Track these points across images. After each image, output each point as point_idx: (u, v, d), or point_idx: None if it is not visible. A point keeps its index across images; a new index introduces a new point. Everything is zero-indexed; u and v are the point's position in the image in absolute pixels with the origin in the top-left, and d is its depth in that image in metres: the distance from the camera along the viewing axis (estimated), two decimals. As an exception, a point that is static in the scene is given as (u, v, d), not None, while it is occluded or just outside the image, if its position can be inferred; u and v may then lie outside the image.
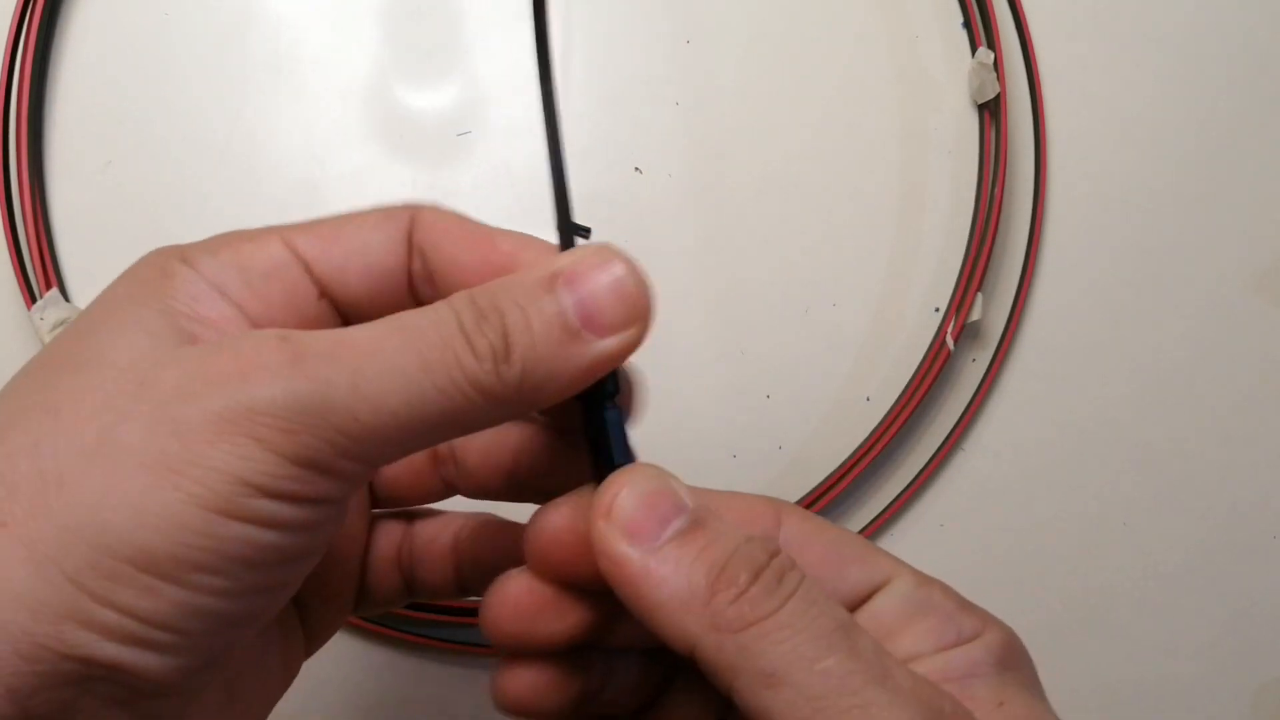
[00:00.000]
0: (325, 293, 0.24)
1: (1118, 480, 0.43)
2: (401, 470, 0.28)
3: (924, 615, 0.24)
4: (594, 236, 0.45)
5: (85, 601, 0.19)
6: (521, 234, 0.24)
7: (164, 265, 0.23)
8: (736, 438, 0.42)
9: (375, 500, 0.29)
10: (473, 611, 0.39)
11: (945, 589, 0.25)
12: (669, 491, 0.22)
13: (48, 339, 0.40)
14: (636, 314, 0.22)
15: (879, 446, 0.41)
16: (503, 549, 0.27)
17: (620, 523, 0.22)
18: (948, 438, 0.42)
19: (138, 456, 0.19)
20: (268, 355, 0.20)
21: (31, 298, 0.40)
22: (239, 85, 0.43)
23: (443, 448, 0.28)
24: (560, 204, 0.25)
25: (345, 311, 0.24)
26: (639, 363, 0.24)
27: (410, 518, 0.29)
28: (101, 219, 0.42)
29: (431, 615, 0.39)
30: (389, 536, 0.29)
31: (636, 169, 0.43)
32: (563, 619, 0.24)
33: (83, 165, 0.43)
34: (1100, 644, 0.42)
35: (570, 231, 0.25)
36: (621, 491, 0.22)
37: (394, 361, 0.20)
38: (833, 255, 0.44)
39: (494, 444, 0.27)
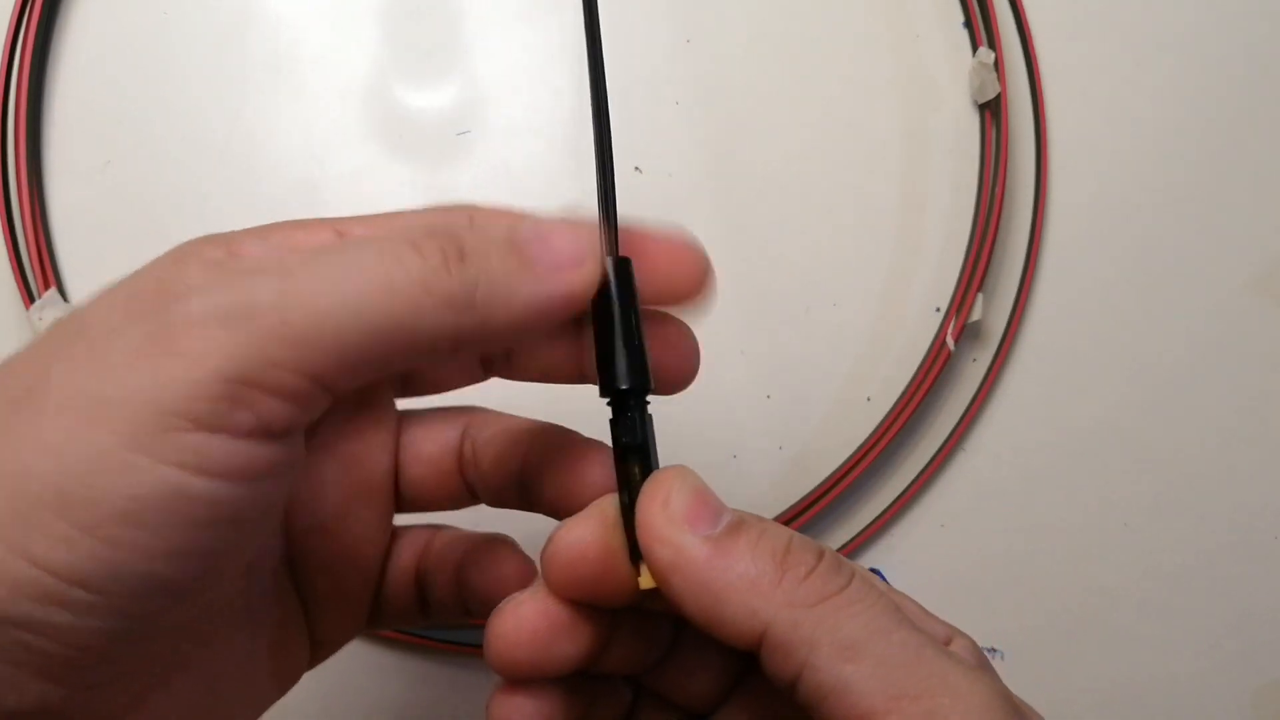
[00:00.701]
0: None
1: (1118, 481, 0.43)
2: (426, 471, 0.27)
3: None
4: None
5: (1, 555, 0.17)
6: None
7: (202, 249, 0.21)
8: (736, 438, 0.42)
9: (399, 504, 0.27)
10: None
11: (913, 600, 0.25)
12: (710, 491, 0.23)
13: (46, 339, 0.39)
14: (588, 249, 0.22)
15: (879, 447, 0.41)
16: (500, 569, 0.26)
17: (679, 513, 0.22)
18: (948, 438, 0.42)
19: (59, 398, 0.18)
20: (190, 273, 0.19)
21: (30, 298, 0.40)
22: (238, 85, 0.43)
23: (466, 449, 0.27)
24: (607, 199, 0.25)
25: None
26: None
27: (436, 530, 0.28)
28: (100, 219, 0.42)
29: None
30: (412, 547, 0.28)
31: (636, 169, 0.43)
32: (575, 642, 0.23)
33: (81, 165, 0.42)
34: (1100, 644, 0.42)
35: (612, 228, 0.25)
36: (674, 484, 0.22)
37: (328, 266, 0.19)
38: (833, 255, 0.44)
39: (509, 444, 0.27)
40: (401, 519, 0.28)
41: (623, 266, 0.24)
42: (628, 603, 0.23)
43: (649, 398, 0.24)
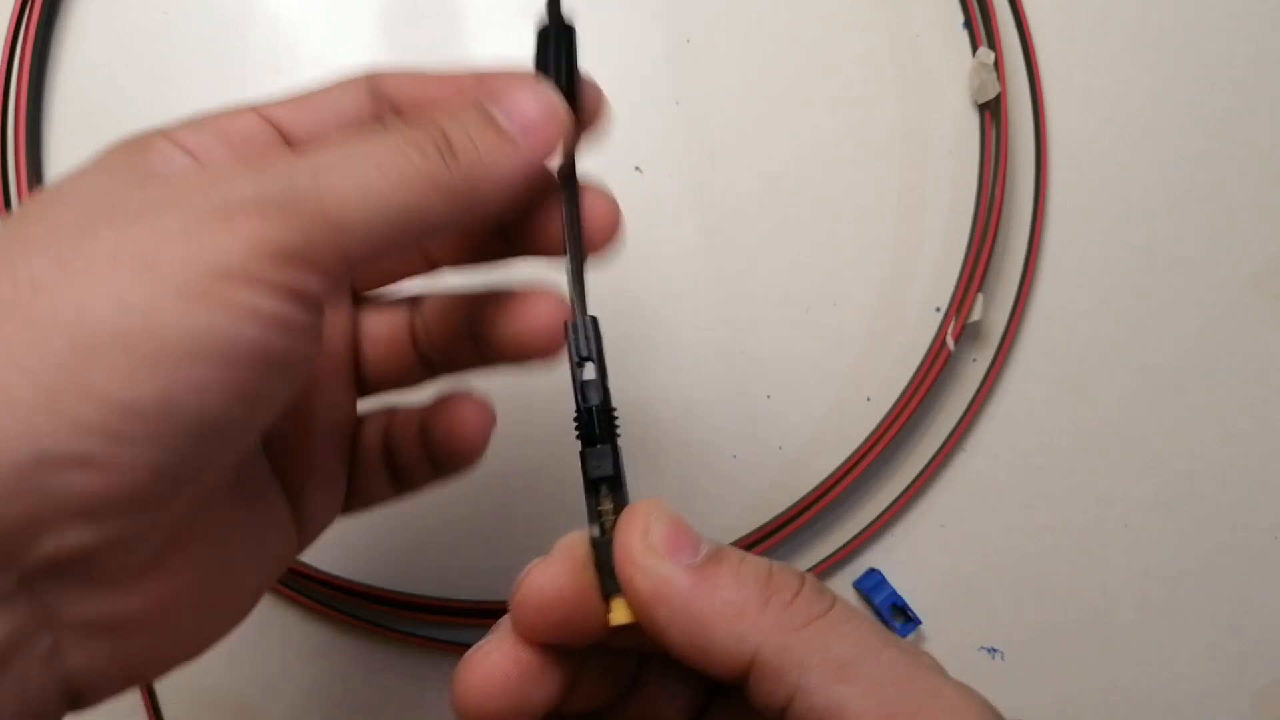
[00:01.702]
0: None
1: (1119, 481, 0.43)
2: (383, 351, 0.29)
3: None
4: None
5: (61, 392, 0.18)
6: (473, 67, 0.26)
7: (144, 140, 0.24)
8: (736, 438, 0.42)
9: (362, 389, 0.29)
10: (467, 611, 0.39)
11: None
12: (686, 522, 0.23)
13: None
14: (556, 115, 0.24)
15: (879, 447, 0.41)
16: (462, 414, 0.28)
17: (659, 543, 0.22)
18: (948, 438, 0.42)
19: (113, 256, 0.19)
20: (233, 167, 0.21)
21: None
22: (238, 85, 0.43)
23: (416, 324, 0.29)
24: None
25: None
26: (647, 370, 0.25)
27: (393, 410, 0.29)
28: (100, 218, 0.42)
29: (423, 615, 0.39)
30: (376, 425, 0.29)
31: (636, 169, 0.43)
32: (546, 686, 0.23)
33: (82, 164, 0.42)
34: (1100, 644, 0.42)
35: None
36: (652, 514, 0.22)
37: (350, 165, 0.22)
38: (833, 255, 0.44)
39: (454, 306, 0.28)
40: (365, 404, 0.30)
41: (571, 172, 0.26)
42: (597, 640, 0.23)
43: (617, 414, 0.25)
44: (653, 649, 0.23)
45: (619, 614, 0.23)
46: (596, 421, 0.24)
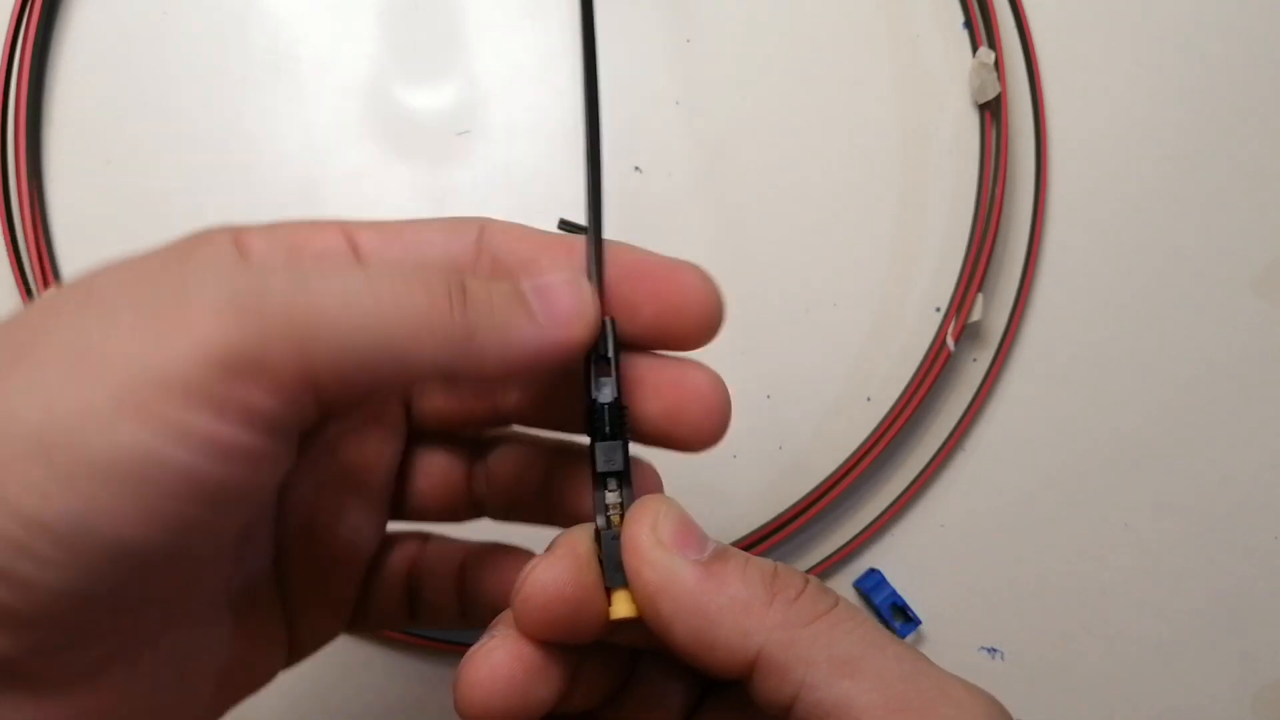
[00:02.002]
0: None
1: (1119, 481, 0.43)
2: (434, 484, 0.27)
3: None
4: (594, 236, 0.45)
5: None
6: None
7: (210, 233, 0.22)
8: (736, 438, 0.42)
9: (402, 512, 0.28)
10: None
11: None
12: (692, 519, 0.23)
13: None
14: (586, 307, 0.23)
15: (879, 447, 0.41)
16: (509, 577, 0.26)
17: (667, 537, 0.22)
18: (948, 438, 0.42)
19: (59, 348, 0.18)
20: (212, 252, 0.20)
21: (29, 297, 0.40)
22: (238, 84, 0.43)
23: (477, 465, 0.27)
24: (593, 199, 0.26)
25: None
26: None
27: (426, 538, 0.28)
28: (100, 218, 0.42)
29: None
30: (404, 552, 0.28)
31: (636, 169, 0.43)
32: (549, 683, 0.23)
33: (81, 164, 0.42)
34: (1100, 645, 0.42)
35: (591, 226, 0.26)
36: (660, 509, 0.23)
37: (343, 282, 0.20)
38: (833, 255, 0.44)
39: (530, 459, 0.27)
40: (393, 526, 0.28)
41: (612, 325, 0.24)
42: (598, 637, 0.23)
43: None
44: (650, 645, 0.23)
45: (621, 607, 0.23)
46: (609, 417, 0.24)
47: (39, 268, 0.40)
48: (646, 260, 0.25)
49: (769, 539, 0.40)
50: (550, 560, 0.23)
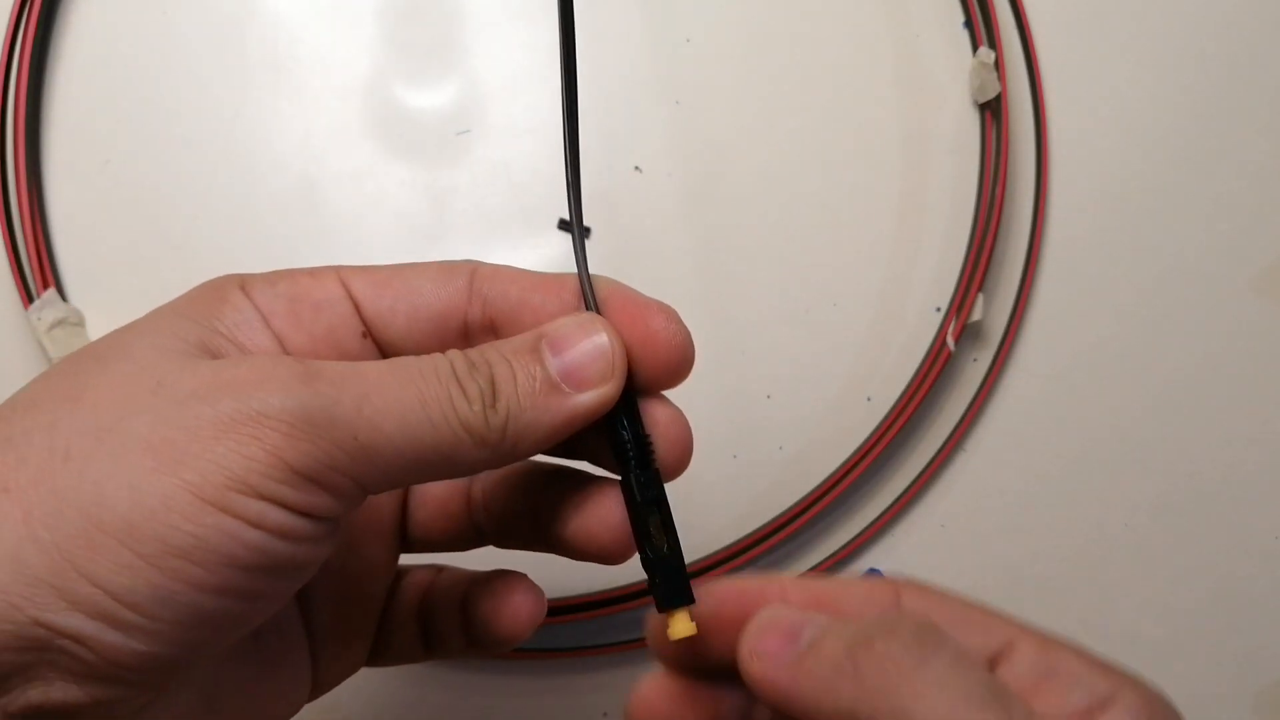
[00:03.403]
0: (370, 332, 0.25)
1: (1119, 481, 0.43)
2: (434, 513, 0.29)
3: (1051, 680, 0.23)
4: (594, 236, 0.46)
5: (66, 570, 0.19)
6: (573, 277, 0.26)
7: (223, 289, 0.24)
8: (736, 438, 0.42)
9: (407, 544, 0.29)
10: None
11: (1076, 650, 0.24)
12: (784, 617, 0.23)
13: (45, 339, 0.39)
14: (610, 371, 0.24)
15: (880, 447, 0.41)
16: (511, 599, 0.27)
17: (762, 652, 0.22)
18: (949, 438, 0.42)
19: (144, 444, 0.20)
20: (282, 370, 0.21)
21: (29, 297, 0.40)
22: (238, 84, 0.43)
23: (474, 491, 0.28)
24: (574, 203, 0.26)
25: (387, 351, 0.25)
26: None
27: (440, 569, 0.29)
28: (99, 218, 0.42)
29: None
30: (415, 586, 0.29)
31: (636, 168, 0.43)
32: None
33: (81, 164, 0.42)
34: (1101, 645, 0.42)
35: (579, 227, 0.26)
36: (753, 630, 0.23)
37: (395, 393, 0.22)
38: (833, 255, 0.44)
39: (519, 484, 0.28)
40: (406, 559, 0.29)
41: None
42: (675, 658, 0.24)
43: None
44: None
45: (680, 628, 0.24)
46: (637, 451, 0.25)
47: (38, 268, 0.40)
48: (622, 298, 0.26)
49: (769, 539, 0.40)
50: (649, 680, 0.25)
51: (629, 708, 0.25)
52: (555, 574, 0.27)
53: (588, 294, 0.25)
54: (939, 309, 0.43)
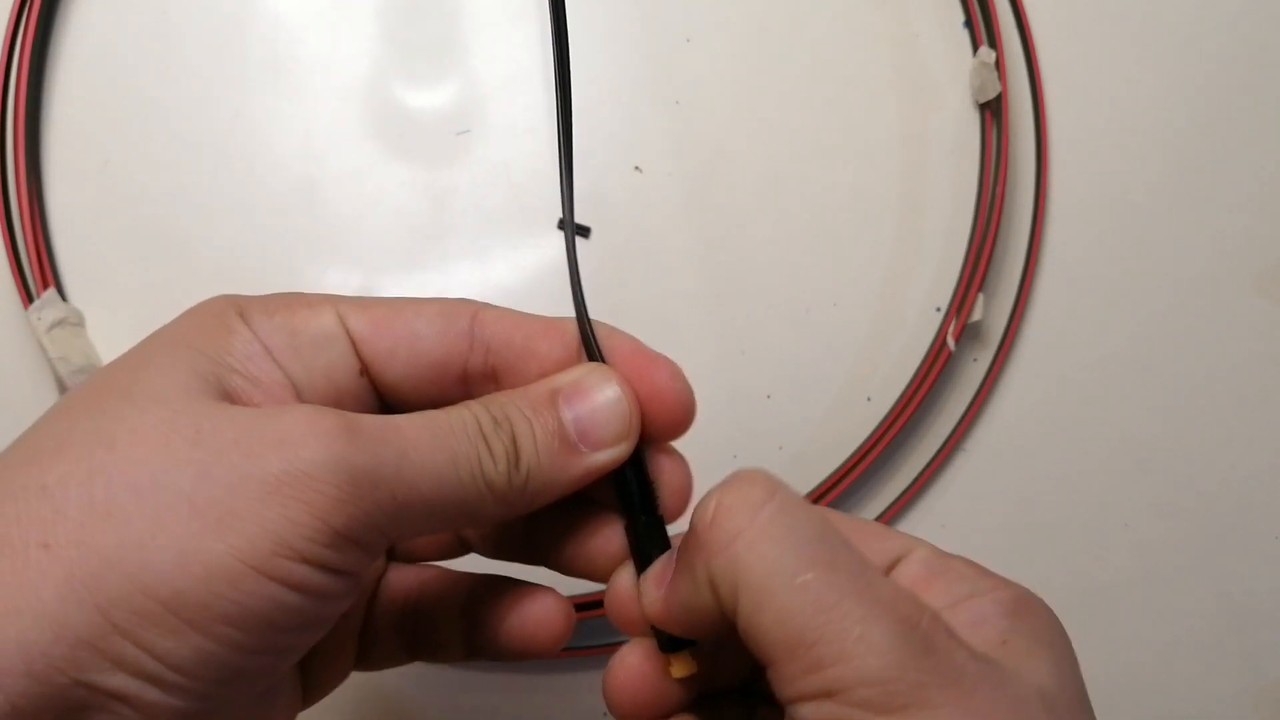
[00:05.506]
0: (366, 371, 0.25)
1: (1119, 481, 0.43)
2: None
3: (941, 577, 0.24)
4: (594, 236, 0.46)
5: (109, 632, 0.19)
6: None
7: (224, 317, 0.24)
8: (736, 438, 0.42)
9: (391, 554, 0.29)
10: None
11: (966, 560, 0.25)
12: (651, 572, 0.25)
13: (45, 339, 0.39)
14: (626, 431, 0.25)
15: (880, 447, 0.41)
16: (517, 611, 0.27)
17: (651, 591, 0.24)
18: (949, 438, 0.42)
19: (189, 503, 0.20)
20: (327, 425, 0.21)
21: (29, 297, 0.40)
22: (238, 84, 0.43)
23: None
24: (567, 207, 0.27)
25: (384, 391, 0.25)
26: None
27: (419, 576, 0.29)
28: (99, 218, 0.42)
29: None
30: (396, 594, 0.29)
31: (636, 168, 0.43)
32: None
33: (80, 164, 0.42)
34: (1101, 646, 0.42)
35: (573, 230, 0.26)
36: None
37: (430, 452, 0.22)
38: (833, 255, 0.44)
39: None
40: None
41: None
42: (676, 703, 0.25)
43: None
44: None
45: (680, 668, 0.25)
46: (643, 501, 0.25)
47: (38, 268, 0.40)
48: (629, 351, 0.26)
49: (769, 539, 0.40)
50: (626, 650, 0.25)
51: (609, 676, 0.25)
52: (554, 573, 0.27)
53: (591, 343, 0.25)
54: (939, 309, 0.43)
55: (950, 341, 0.42)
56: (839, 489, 0.41)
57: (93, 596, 0.19)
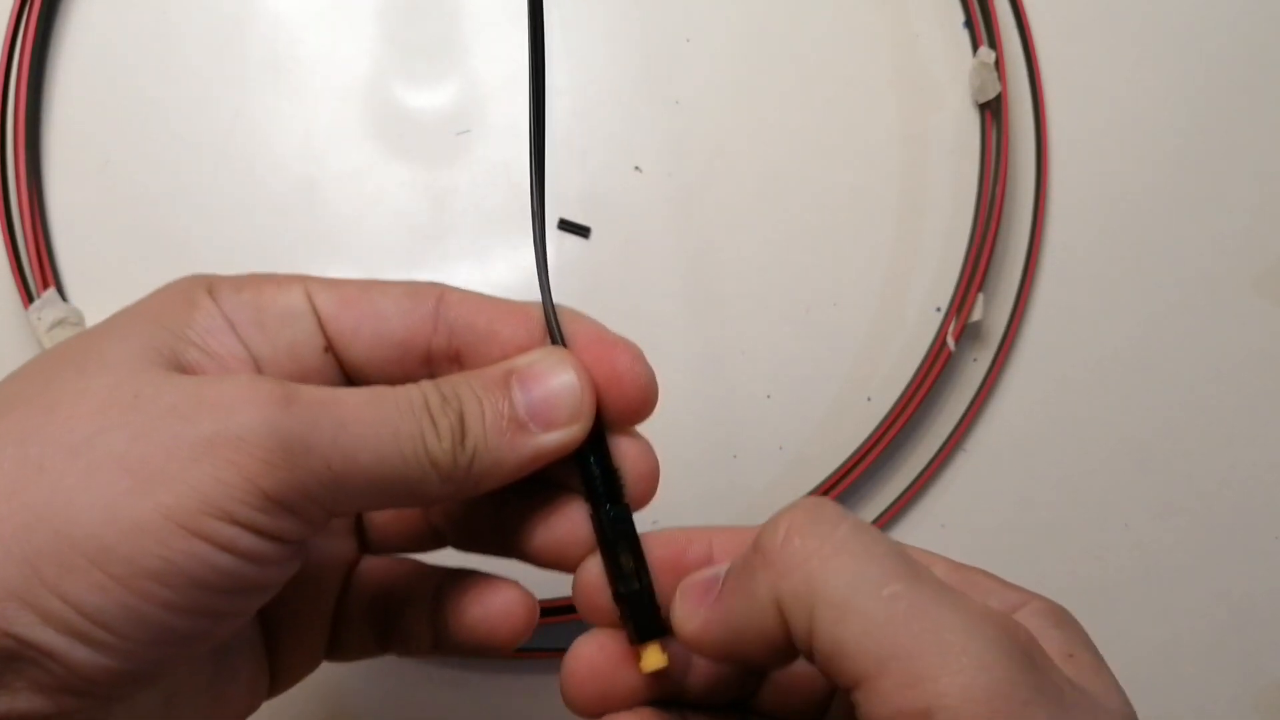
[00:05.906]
0: (332, 348, 0.25)
1: (1119, 481, 0.43)
2: (392, 516, 0.29)
3: (968, 590, 0.23)
4: (594, 236, 0.46)
5: (35, 585, 0.19)
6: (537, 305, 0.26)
7: (191, 293, 0.24)
8: (736, 438, 0.42)
9: (364, 545, 0.29)
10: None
11: (984, 571, 0.25)
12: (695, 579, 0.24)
13: (45, 338, 0.39)
14: (578, 413, 0.24)
15: (880, 447, 0.41)
16: (481, 603, 0.27)
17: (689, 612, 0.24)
18: (949, 438, 0.42)
19: (120, 462, 0.20)
20: (263, 391, 0.21)
21: (29, 297, 0.40)
22: (238, 84, 0.43)
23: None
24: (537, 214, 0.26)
25: (349, 369, 0.25)
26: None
27: (393, 568, 0.29)
28: (99, 218, 0.42)
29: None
30: (368, 584, 0.29)
31: (636, 168, 0.43)
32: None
33: (80, 164, 0.42)
34: (1101, 646, 0.42)
35: (541, 208, 0.26)
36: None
37: (371, 424, 0.22)
38: (833, 255, 0.44)
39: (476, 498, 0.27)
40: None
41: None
42: (644, 695, 0.25)
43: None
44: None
45: (651, 660, 0.24)
46: (607, 488, 0.25)
47: (38, 267, 0.40)
48: (589, 335, 0.26)
49: (769, 539, 0.40)
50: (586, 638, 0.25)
51: (565, 667, 0.25)
52: (554, 573, 0.27)
53: (554, 327, 0.25)
54: (939, 309, 0.43)
55: (950, 341, 0.42)
56: (839, 489, 0.41)
57: (20, 549, 0.19)
